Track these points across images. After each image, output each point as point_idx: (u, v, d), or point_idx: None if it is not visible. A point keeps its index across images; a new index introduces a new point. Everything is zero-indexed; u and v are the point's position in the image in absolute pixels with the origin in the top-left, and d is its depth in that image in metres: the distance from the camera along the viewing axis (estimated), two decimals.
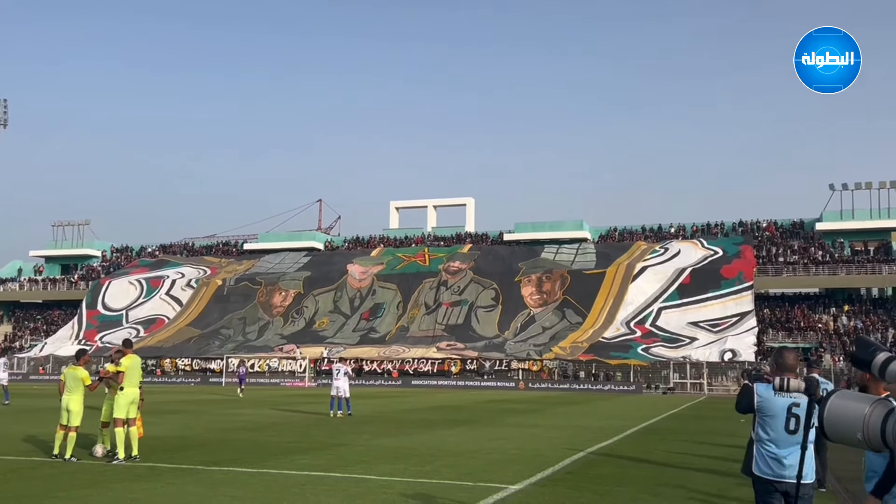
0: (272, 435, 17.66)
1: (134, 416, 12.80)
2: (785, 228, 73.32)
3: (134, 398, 12.80)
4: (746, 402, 5.51)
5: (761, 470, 5.40)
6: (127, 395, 12.66)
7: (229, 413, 25.57)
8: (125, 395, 12.65)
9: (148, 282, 80.00)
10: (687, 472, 12.27)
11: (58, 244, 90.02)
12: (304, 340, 67.77)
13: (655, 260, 68.14)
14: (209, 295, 77.01)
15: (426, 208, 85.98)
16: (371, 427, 20.19)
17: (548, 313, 66.32)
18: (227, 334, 71.55)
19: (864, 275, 63.76)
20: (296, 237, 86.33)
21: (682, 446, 16.27)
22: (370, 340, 66.99)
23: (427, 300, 70.94)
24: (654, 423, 23.30)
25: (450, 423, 21.83)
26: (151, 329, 73.30)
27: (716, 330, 59.39)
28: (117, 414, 12.61)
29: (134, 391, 12.84)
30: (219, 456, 13.46)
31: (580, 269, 69.18)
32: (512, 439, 17.31)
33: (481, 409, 29.81)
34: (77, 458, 12.56)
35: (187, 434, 17.53)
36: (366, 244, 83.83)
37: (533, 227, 77.96)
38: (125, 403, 12.63)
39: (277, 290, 75.56)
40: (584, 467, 12.74)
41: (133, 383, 12.81)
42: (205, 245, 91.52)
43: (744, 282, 63.29)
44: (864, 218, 67.87)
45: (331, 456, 13.69)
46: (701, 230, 75.07)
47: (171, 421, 21.33)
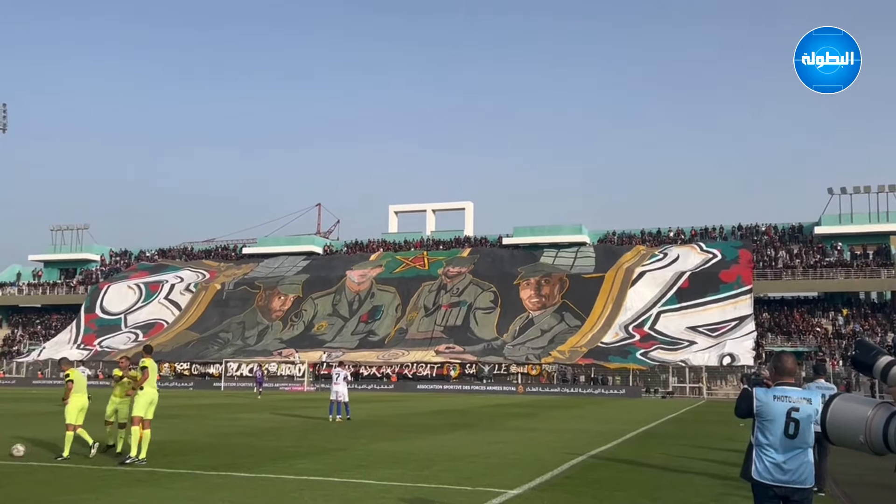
0: (270, 439, 17.63)
1: (150, 417, 13.03)
2: (784, 232, 73.38)
3: (153, 399, 13.09)
4: (745, 406, 5.51)
5: (760, 474, 5.39)
6: (146, 395, 12.97)
7: (228, 417, 25.52)
8: (145, 395, 12.95)
9: (147, 286, 79.99)
10: (686, 477, 12.25)
11: (57, 248, 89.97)
12: (303, 344, 67.77)
13: (654, 264, 68.18)
14: (208, 299, 77.00)
15: (425, 212, 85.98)
16: (369, 431, 20.16)
17: (546, 316, 66.34)
18: (226, 338, 71.53)
19: (863, 278, 63.80)
20: (295, 241, 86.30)
21: (680, 450, 16.26)
22: (369, 344, 66.96)
23: (426, 303, 70.96)
24: (653, 428, 23.29)
25: (449, 428, 21.80)
26: (150, 333, 73.26)
27: (715, 334, 59.40)
28: (136, 412, 12.86)
29: (153, 392, 13.16)
30: (217, 460, 13.44)
31: (579, 273, 69.23)
32: (511, 443, 17.28)
33: (480, 413, 29.78)
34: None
35: (185, 438, 17.50)
36: (365, 248, 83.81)
37: (532, 232, 78.01)
38: (145, 403, 12.90)
39: (276, 294, 75.55)
40: (582, 472, 12.72)
41: (152, 384, 13.21)
42: (204, 249, 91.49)
43: (742, 286, 63.33)
44: (862, 222, 67.91)
45: (329, 460, 13.66)
46: (700, 234, 75.13)
47: (170, 425, 21.28)
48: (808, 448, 5.36)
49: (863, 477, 12.69)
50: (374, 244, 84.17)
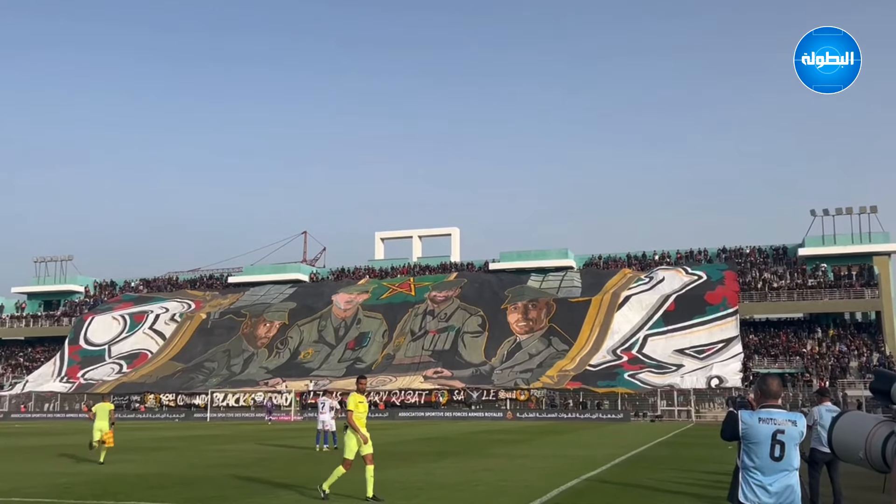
0: (257, 471, 17.43)
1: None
2: (768, 254, 73.88)
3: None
4: (731, 429, 5.50)
5: (747, 497, 5.38)
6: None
7: (213, 449, 25.25)
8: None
9: (132, 317, 79.36)
10: (675, 501, 12.20)
11: (40, 280, 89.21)
12: (289, 373, 67.27)
13: (640, 288, 68.38)
14: (193, 328, 76.46)
15: (411, 238, 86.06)
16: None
17: (534, 340, 66.29)
18: (211, 367, 70.92)
19: (848, 299, 64.23)
20: (281, 269, 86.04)
21: (670, 474, 16.20)
22: (356, 371, 66.55)
23: (413, 327, 70.75)
24: (642, 452, 23.22)
25: (437, 456, 21.65)
26: (134, 364, 72.56)
27: (702, 356, 59.50)
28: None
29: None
30: (202, 493, 13.26)
31: (566, 297, 69.32)
32: (500, 470, 17.17)
33: (469, 440, 29.60)
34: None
35: (170, 472, 17.27)
36: (351, 275, 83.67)
37: (518, 256, 78.16)
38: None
39: (262, 322, 75.15)
40: (572, 497, 12.64)
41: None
42: (189, 279, 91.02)
43: (728, 307, 63.57)
44: (845, 243, 68.53)
45: (316, 492, 13.50)
46: (685, 257, 75.51)
47: (154, 458, 21.02)
48: (794, 471, 5.36)
49: (855, 499, 12.66)
50: (360, 271, 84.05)
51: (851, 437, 3.69)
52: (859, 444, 3.63)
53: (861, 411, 3.95)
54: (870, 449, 3.57)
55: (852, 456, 3.72)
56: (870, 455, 3.59)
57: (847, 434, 3.73)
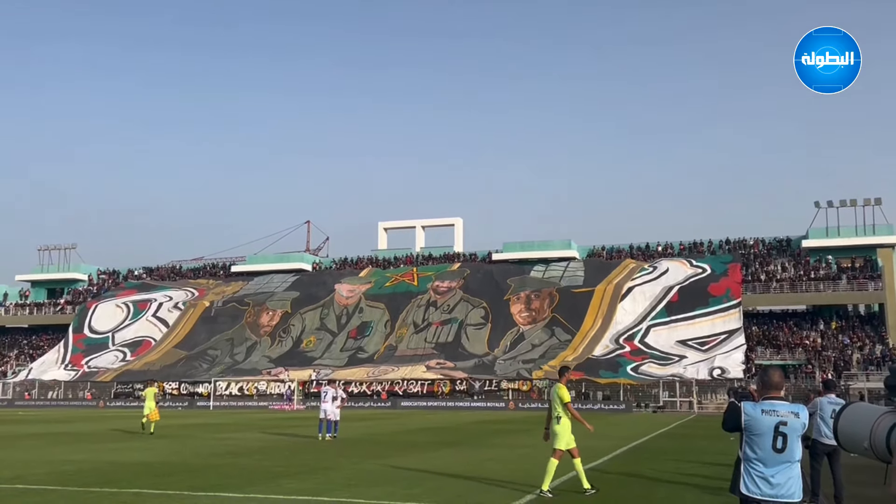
0: (259, 459, 17.49)
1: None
2: (771, 246, 73.74)
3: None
4: (733, 420, 5.50)
5: (749, 489, 5.38)
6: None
7: (216, 437, 25.34)
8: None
9: (135, 304, 79.56)
10: (677, 492, 12.22)
11: (44, 268, 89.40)
12: (292, 362, 67.42)
13: (644, 278, 68.32)
14: (196, 316, 76.63)
15: (414, 229, 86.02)
16: (359, 450, 20.04)
17: (537, 331, 66.33)
18: (214, 356, 71.10)
19: (851, 291, 64.13)
20: (284, 259, 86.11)
21: (671, 465, 16.22)
22: (358, 360, 66.70)
23: (416, 319, 70.80)
24: (644, 442, 23.26)
25: (439, 445, 21.70)
26: (138, 352, 72.78)
27: (704, 348, 59.50)
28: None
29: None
30: (205, 481, 13.30)
31: (569, 287, 69.30)
32: (502, 460, 17.21)
33: (471, 430, 29.66)
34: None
35: (173, 459, 17.33)
36: (354, 265, 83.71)
37: (521, 247, 78.10)
38: None
39: (265, 310, 75.28)
40: (573, 488, 12.66)
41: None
42: (192, 268, 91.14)
43: (731, 299, 63.53)
44: (849, 235, 68.38)
45: (318, 480, 13.55)
46: (688, 248, 75.40)
47: (157, 446, 21.11)
48: (796, 462, 5.36)
49: (855, 491, 12.67)
50: (363, 261, 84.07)
51: (857, 427, 3.75)
52: (864, 435, 3.68)
53: (861, 402, 4.00)
54: (874, 439, 3.63)
55: (857, 446, 3.77)
56: (874, 445, 3.64)
57: (852, 424, 3.79)
